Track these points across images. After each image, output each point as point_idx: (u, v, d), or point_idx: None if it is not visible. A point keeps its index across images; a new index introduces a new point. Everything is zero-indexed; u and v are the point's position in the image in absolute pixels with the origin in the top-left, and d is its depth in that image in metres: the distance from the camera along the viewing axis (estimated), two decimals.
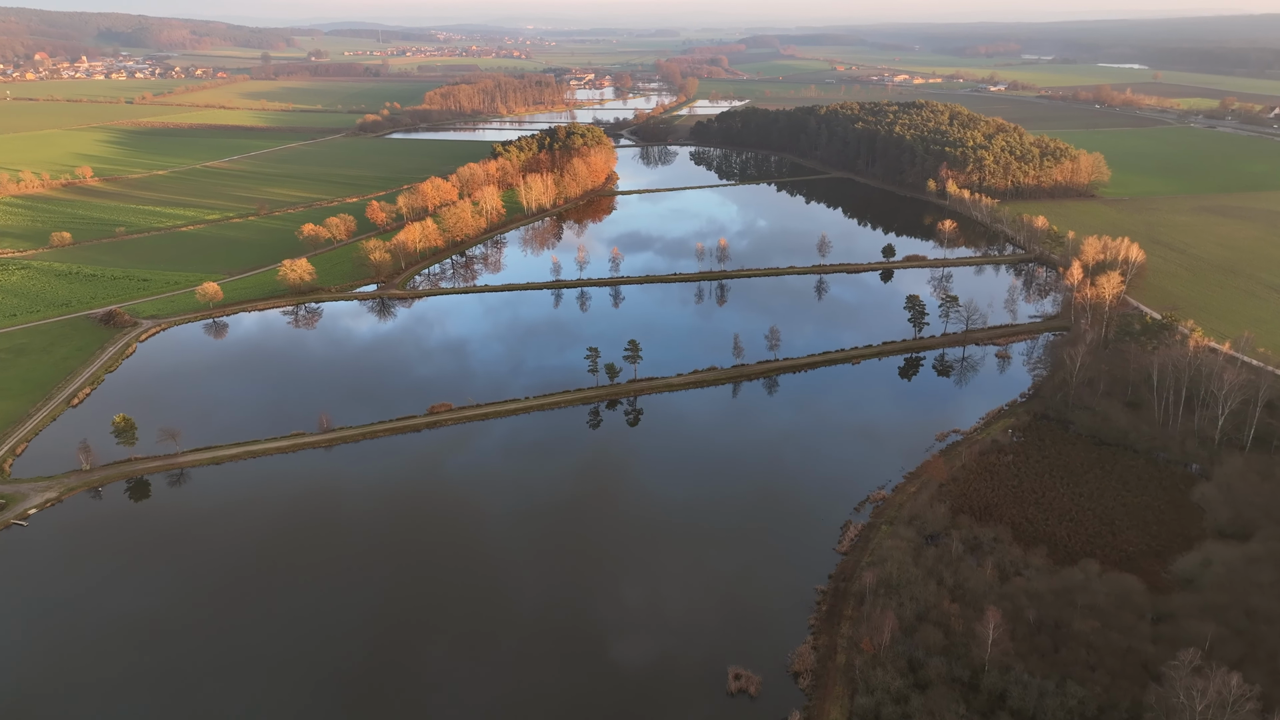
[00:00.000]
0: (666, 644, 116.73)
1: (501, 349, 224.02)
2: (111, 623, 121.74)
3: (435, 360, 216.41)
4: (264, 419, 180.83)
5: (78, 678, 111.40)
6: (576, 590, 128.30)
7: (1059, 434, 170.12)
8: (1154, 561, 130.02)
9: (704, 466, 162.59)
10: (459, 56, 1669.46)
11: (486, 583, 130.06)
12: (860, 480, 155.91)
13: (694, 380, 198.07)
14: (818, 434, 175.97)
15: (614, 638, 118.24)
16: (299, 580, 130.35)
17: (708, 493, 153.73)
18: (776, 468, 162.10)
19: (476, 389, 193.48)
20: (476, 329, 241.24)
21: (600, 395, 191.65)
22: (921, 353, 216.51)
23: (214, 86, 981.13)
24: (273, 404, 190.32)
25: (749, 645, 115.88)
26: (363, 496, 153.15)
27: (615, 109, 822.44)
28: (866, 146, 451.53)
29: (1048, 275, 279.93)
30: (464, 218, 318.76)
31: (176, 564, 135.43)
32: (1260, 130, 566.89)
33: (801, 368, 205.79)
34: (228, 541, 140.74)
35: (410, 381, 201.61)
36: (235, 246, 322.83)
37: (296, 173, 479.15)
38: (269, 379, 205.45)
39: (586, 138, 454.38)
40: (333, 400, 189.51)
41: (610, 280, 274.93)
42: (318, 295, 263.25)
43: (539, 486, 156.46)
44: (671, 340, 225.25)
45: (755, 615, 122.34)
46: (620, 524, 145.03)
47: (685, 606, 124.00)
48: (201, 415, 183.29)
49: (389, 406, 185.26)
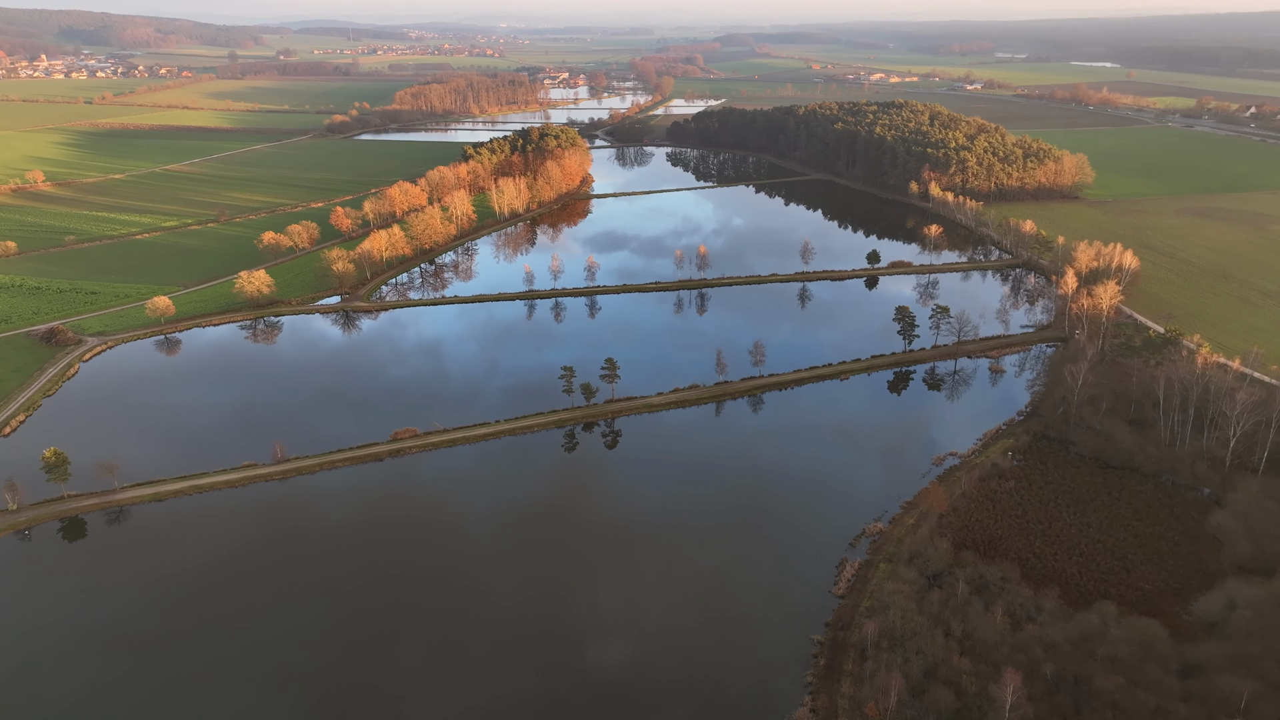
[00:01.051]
0: (652, 702, 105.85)
1: (471, 366, 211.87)
2: (40, 681, 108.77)
3: (400, 379, 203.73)
4: (214, 448, 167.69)
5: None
6: (555, 621, 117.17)
7: (1061, 456, 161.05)
8: (1173, 601, 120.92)
9: (686, 495, 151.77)
10: (431, 55, 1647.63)
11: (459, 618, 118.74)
12: (855, 511, 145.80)
13: (675, 400, 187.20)
14: (807, 459, 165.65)
15: (598, 690, 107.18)
16: (244, 632, 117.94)
17: (691, 524, 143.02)
18: (765, 498, 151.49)
19: (444, 411, 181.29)
20: (445, 344, 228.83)
21: (576, 417, 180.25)
22: (912, 366, 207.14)
23: (178, 86, 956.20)
24: (224, 430, 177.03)
25: (743, 708, 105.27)
26: (319, 533, 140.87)
27: (590, 109, 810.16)
28: (847, 148, 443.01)
29: (1037, 281, 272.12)
30: (433, 224, 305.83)
31: (111, 609, 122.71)
32: (1238, 130, 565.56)
33: (787, 384, 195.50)
34: (167, 584, 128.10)
35: (373, 403, 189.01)
36: (192, 256, 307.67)
37: (260, 176, 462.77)
38: (221, 402, 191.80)
39: (560, 139, 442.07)
40: (289, 425, 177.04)
41: (586, 290, 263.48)
42: (277, 308, 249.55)
43: (511, 521, 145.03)
44: (651, 354, 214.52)
45: (749, 671, 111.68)
46: (599, 553, 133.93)
47: (674, 661, 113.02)
48: (146, 444, 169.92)
49: (350, 431, 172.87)
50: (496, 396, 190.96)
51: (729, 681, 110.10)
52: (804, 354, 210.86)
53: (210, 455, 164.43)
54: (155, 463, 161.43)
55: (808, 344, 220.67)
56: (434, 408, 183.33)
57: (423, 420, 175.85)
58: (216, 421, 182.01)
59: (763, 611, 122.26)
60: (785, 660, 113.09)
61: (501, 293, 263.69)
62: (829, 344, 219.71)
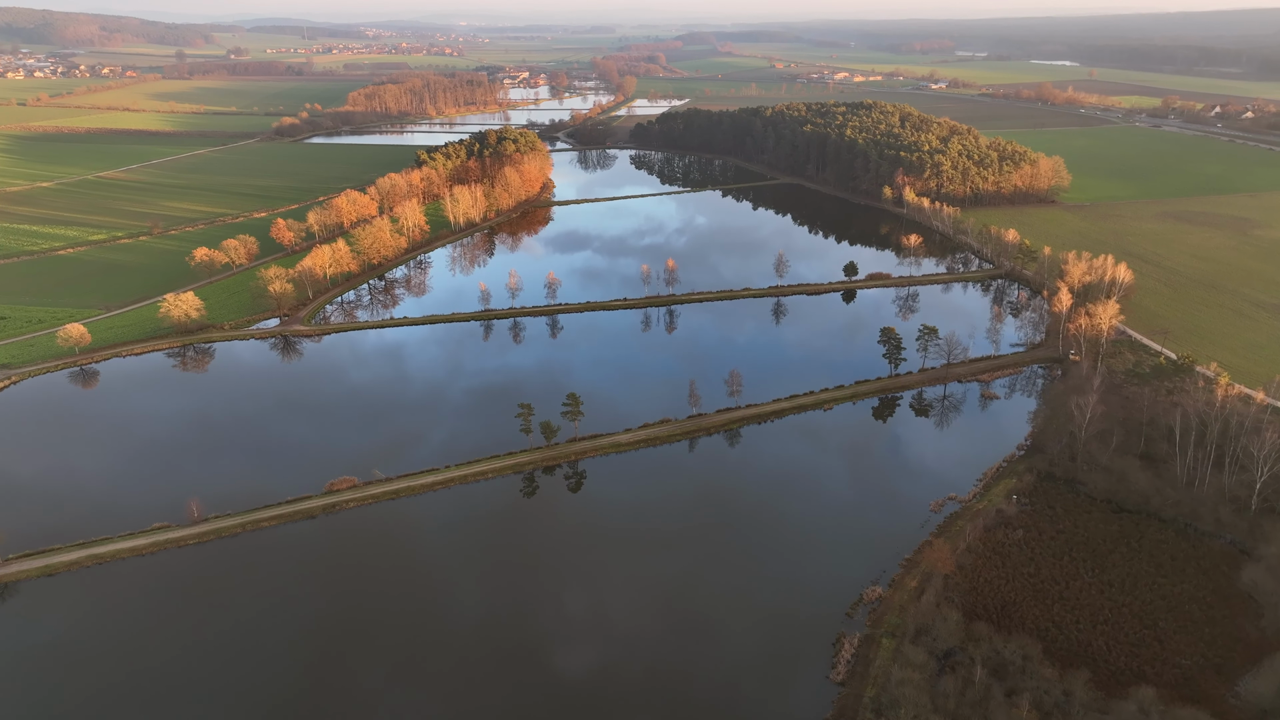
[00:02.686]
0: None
1: (419, 401, 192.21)
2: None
3: (340, 416, 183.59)
4: (122, 506, 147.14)
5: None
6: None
7: (1069, 499, 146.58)
8: (1217, 681, 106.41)
9: (659, 554, 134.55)
10: (388, 54, 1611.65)
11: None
12: (849, 570, 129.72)
13: (644, 438, 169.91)
14: (793, 507, 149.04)
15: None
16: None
17: (665, 590, 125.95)
18: (749, 553, 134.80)
19: (387, 456, 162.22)
20: (391, 373, 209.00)
21: (535, 460, 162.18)
22: (898, 393, 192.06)
23: (120, 87, 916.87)
24: (134, 484, 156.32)
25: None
26: (237, 604, 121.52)
27: (551, 109, 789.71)
28: (816, 150, 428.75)
29: (1021, 294, 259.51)
30: (381, 237, 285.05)
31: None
32: (1205, 129, 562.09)
33: (767, 416, 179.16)
34: (51, 676, 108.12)
35: (308, 447, 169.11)
36: (119, 274, 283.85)
37: (201, 184, 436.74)
38: (133, 449, 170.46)
39: (520, 143, 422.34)
40: (211, 475, 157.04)
41: (546, 309, 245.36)
42: (208, 334, 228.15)
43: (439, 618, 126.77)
44: (617, 383, 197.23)
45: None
46: (562, 622, 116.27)
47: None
48: (40, 505, 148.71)
49: (278, 483, 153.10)
50: (446, 438, 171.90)
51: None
52: (783, 379, 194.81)
53: (117, 514, 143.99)
54: (51, 527, 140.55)
55: (786, 367, 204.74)
56: (376, 452, 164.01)
57: (363, 468, 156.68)
58: (126, 473, 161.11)
59: (757, 704, 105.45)
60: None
61: (455, 313, 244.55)
62: (809, 367, 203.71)
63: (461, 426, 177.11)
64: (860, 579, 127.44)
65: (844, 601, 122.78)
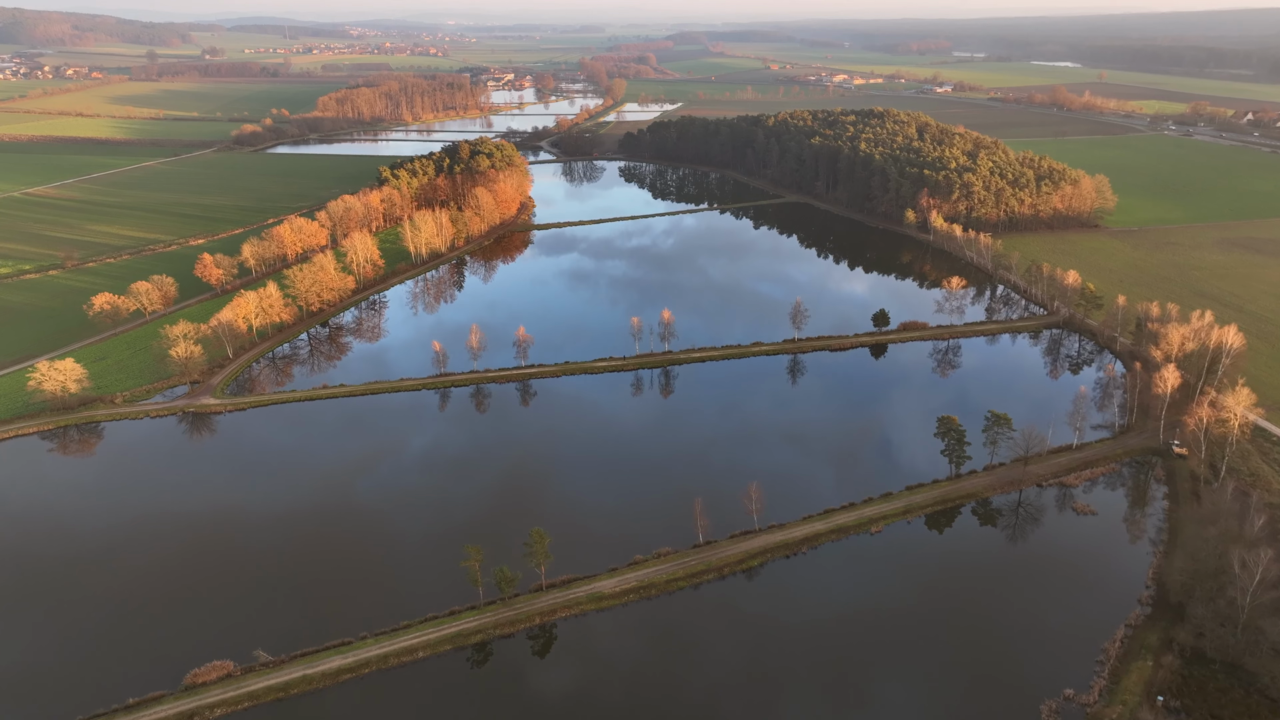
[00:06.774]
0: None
1: (333, 529, 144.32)
2: None
3: (231, 557, 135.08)
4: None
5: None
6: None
7: (1233, 695, 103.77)
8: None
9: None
10: (371, 54, 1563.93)
11: None
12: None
13: (635, 584, 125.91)
14: (834, 707, 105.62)
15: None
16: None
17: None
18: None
19: (281, 622, 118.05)
20: (311, 475, 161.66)
21: (486, 626, 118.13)
22: (960, 504, 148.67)
23: (80, 89, 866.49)
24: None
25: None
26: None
27: (535, 114, 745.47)
28: (827, 166, 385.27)
29: (1082, 347, 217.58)
30: (323, 278, 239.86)
31: None
32: (1241, 139, 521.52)
33: (795, 547, 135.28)
34: None
35: (171, 615, 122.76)
36: (8, 321, 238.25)
37: (139, 202, 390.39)
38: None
39: (495, 157, 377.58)
40: (31, 663, 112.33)
41: (516, 373, 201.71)
42: (91, 410, 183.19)
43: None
44: (600, 492, 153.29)
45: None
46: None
47: None
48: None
49: (117, 669, 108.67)
50: (365, 592, 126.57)
51: None
52: (812, 483, 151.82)
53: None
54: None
55: (815, 464, 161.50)
56: (263, 619, 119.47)
57: (242, 649, 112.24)
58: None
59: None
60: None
61: (404, 379, 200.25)
62: (845, 463, 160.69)
63: (387, 577, 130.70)
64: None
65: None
